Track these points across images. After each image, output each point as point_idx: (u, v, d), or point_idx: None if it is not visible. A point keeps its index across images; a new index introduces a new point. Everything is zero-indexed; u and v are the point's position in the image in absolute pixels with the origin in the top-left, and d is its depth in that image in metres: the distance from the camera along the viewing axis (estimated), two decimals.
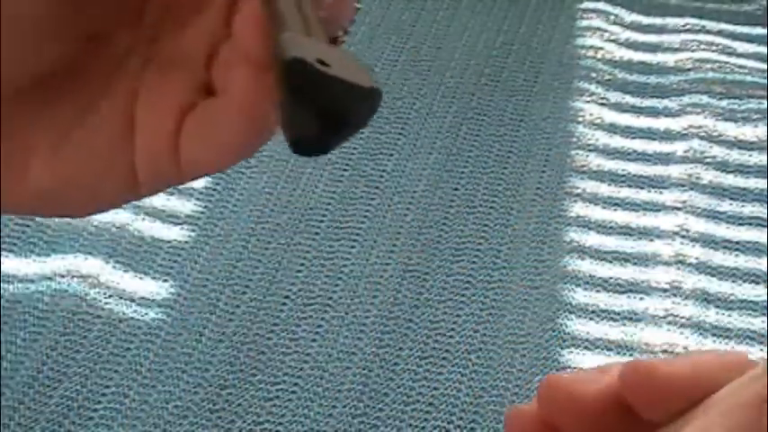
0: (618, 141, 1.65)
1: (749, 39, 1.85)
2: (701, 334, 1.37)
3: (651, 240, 1.49)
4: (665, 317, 1.39)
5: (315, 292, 1.39)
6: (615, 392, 0.36)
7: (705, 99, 1.71)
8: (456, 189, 1.54)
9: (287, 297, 1.38)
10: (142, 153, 0.39)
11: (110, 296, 1.36)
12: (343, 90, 0.35)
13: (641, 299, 1.41)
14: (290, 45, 0.35)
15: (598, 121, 1.68)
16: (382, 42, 1.80)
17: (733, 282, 1.44)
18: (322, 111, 0.35)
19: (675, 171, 1.59)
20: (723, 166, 1.61)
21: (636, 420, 0.36)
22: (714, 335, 1.37)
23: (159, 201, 1.49)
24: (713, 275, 1.45)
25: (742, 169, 1.61)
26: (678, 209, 1.53)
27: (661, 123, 1.68)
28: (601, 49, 1.81)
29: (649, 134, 1.66)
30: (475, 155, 1.60)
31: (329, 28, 0.40)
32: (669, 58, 1.80)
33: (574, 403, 0.37)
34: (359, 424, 1.24)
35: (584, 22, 1.87)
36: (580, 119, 1.68)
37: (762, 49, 1.82)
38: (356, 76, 0.36)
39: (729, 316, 1.40)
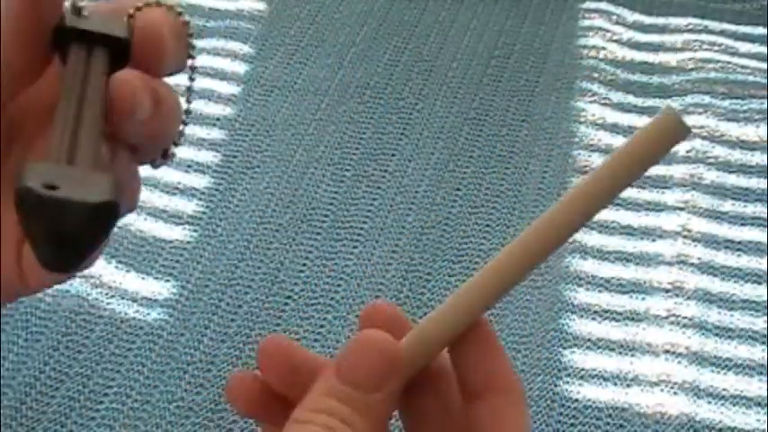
0: (620, 142, 1.64)
1: (752, 39, 1.85)
2: (703, 334, 1.37)
3: (653, 240, 1.49)
4: (666, 317, 1.39)
5: (317, 293, 1.39)
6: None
7: (707, 99, 1.71)
8: (458, 189, 1.54)
9: (289, 297, 1.38)
10: None
11: (112, 296, 1.37)
12: (68, 210, 0.36)
13: (643, 299, 1.41)
14: (24, 173, 0.37)
15: (600, 121, 1.68)
16: (384, 43, 1.80)
17: (735, 282, 1.44)
18: (52, 233, 0.36)
19: (678, 171, 1.59)
20: (725, 166, 1.61)
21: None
22: (716, 335, 1.37)
23: (161, 201, 1.49)
24: (715, 275, 1.45)
25: (744, 169, 1.61)
26: (680, 209, 1.53)
27: None
28: (603, 48, 1.81)
29: None
30: (477, 155, 1.60)
31: (153, 143, 0.43)
32: (671, 58, 1.80)
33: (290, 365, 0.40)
34: None
35: (587, 22, 1.87)
36: (582, 119, 1.68)
37: (764, 50, 1.82)
38: (88, 193, 0.37)
39: (731, 316, 1.40)
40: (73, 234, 0.37)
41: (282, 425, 0.40)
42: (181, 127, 0.45)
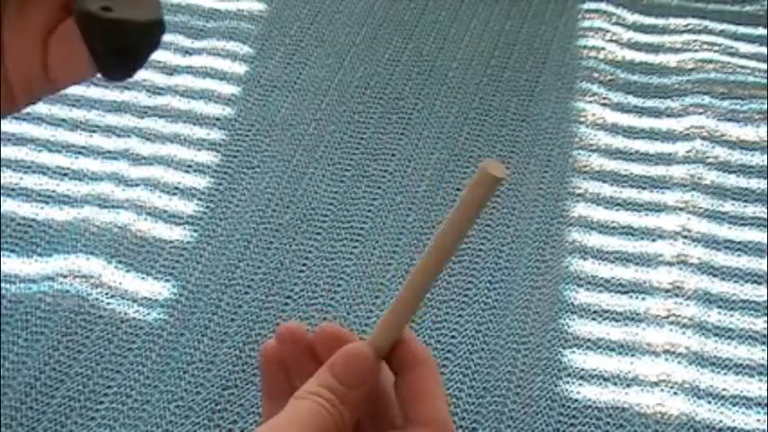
0: (620, 142, 1.65)
1: (751, 39, 1.85)
2: (702, 334, 1.37)
3: (653, 241, 1.49)
4: (666, 317, 1.39)
5: (317, 293, 1.39)
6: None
7: (707, 99, 1.71)
8: (458, 189, 1.54)
9: (289, 297, 1.38)
10: (15, 72, 0.46)
11: (112, 296, 1.37)
12: (125, 28, 0.43)
13: (643, 299, 1.41)
14: None
15: (600, 121, 1.68)
16: (385, 42, 1.80)
17: (735, 282, 1.44)
18: (111, 48, 0.43)
19: (677, 171, 1.59)
20: (725, 167, 1.61)
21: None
22: (716, 335, 1.37)
23: (161, 201, 1.49)
24: (715, 276, 1.45)
25: (744, 170, 1.61)
26: (680, 209, 1.53)
27: (663, 124, 1.68)
28: (603, 49, 1.81)
29: (651, 135, 1.66)
30: (477, 155, 1.60)
31: None
32: (671, 59, 1.80)
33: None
34: None
35: (587, 23, 1.87)
36: (582, 119, 1.68)
37: (763, 50, 1.82)
38: (138, 12, 0.43)
39: (731, 316, 1.40)
40: (129, 48, 0.44)
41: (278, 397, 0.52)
42: None
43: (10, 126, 1.58)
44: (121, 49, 0.44)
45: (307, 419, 0.47)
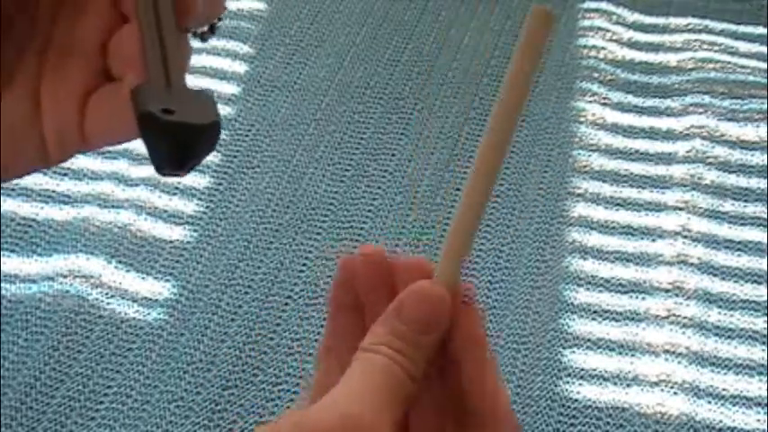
0: (620, 141, 1.65)
1: (751, 38, 1.85)
2: (702, 334, 1.37)
3: (653, 240, 1.49)
4: (666, 317, 1.39)
5: (317, 293, 1.39)
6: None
7: (707, 99, 1.71)
8: (458, 189, 1.54)
9: (289, 297, 1.38)
10: (50, 130, 0.46)
11: (112, 296, 1.37)
12: (185, 131, 0.44)
13: (643, 299, 1.41)
14: (142, 99, 0.45)
15: (600, 121, 1.68)
16: (384, 42, 1.80)
17: (735, 282, 1.44)
18: (171, 150, 0.44)
19: (677, 171, 1.59)
20: (725, 166, 1.61)
21: None
22: (716, 335, 1.37)
23: (161, 201, 1.49)
24: (715, 275, 1.45)
25: (744, 169, 1.61)
26: (680, 209, 1.53)
27: (663, 123, 1.68)
28: (603, 48, 1.81)
29: (651, 134, 1.66)
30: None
31: (208, 17, 0.50)
32: (671, 58, 1.80)
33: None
34: None
35: (587, 22, 1.87)
36: (582, 119, 1.68)
37: (764, 49, 1.82)
38: (197, 115, 0.45)
39: (731, 316, 1.40)
40: (188, 150, 0.45)
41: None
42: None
43: None
44: (180, 150, 0.45)
45: (380, 381, 0.44)
